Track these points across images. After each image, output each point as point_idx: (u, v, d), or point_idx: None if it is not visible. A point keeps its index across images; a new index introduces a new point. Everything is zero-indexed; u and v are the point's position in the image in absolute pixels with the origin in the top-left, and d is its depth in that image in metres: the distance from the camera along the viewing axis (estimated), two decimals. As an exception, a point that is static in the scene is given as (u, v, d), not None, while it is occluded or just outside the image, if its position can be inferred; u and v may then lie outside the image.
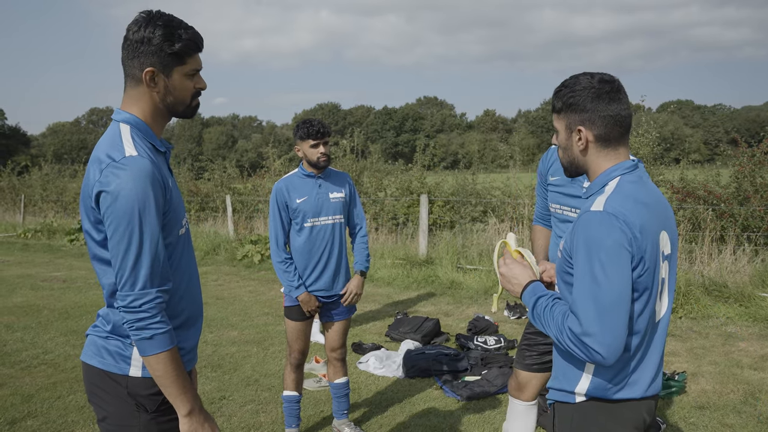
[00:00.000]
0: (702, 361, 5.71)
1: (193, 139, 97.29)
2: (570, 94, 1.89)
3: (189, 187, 15.92)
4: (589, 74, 1.91)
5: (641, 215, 1.76)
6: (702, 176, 9.76)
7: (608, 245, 1.71)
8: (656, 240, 1.80)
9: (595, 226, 1.75)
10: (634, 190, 1.82)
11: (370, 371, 5.59)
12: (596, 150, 1.89)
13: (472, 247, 10.12)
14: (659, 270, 1.83)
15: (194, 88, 2.05)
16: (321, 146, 3.86)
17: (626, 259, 1.72)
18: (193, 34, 2.00)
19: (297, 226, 3.93)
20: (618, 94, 1.87)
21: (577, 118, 1.88)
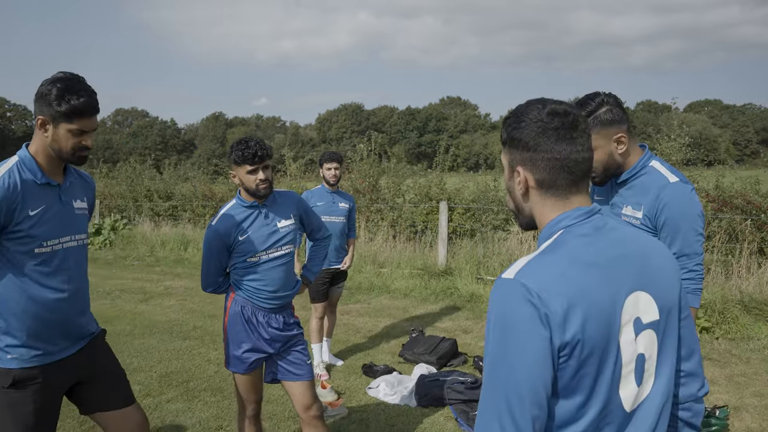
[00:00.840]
0: (744, 392, 5.20)
1: (217, 139, 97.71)
2: (514, 126, 1.51)
3: (204, 192, 15.64)
4: (542, 102, 1.49)
5: (575, 283, 1.33)
6: (739, 184, 9.19)
7: (510, 324, 1.32)
8: (611, 311, 1.35)
9: (501, 297, 1.36)
10: (577, 247, 1.40)
11: (380, 398, 5.17)
12: (539, 197, 1.51)
13: (494, 257, 9.66)
14: (618, 349, 1.36)
15: (80, 144, 2.49)
16: (260, 171, 3.27)
17: (538, 338, 1.30)
18: (83, 103, 2.42)
19: (241, 263, 3.37)
20: (571, 131, 1.46)
21: (518, 157, 1.51)
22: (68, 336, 2.65)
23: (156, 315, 8.26)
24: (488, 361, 1.35)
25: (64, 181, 2.61)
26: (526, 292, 1.31)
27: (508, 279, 1.36)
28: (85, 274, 2.76)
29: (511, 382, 1.30)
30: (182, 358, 6.36)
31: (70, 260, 2.60)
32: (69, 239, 2.59)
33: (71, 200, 2.63)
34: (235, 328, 3.36)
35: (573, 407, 1.35)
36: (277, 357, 3.44)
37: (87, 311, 2.77)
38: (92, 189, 2.87)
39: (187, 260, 12.87)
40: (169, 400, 5.20)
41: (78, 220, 2.66)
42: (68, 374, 2.67)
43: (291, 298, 3.48)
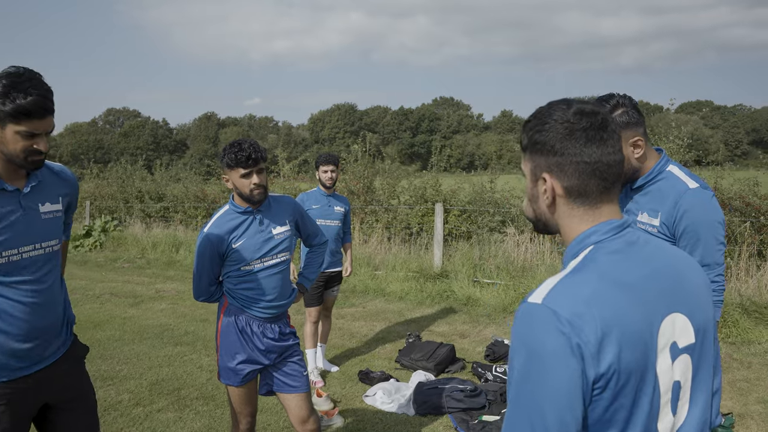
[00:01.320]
0: (748, 399, 5.10)
1: (209, 139, 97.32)
2: (537, 129, 1.36)
3: (195, 193, 15.45)
4: (566, 102, 1.36)
5: (610, 305, 1.20)
6: (738, 186, 9.10)
7: (540, 353, 1.18)
8: (648, 337, 1.22)
9: (528, 324, 1.22)
10: (609, 265, 1.27)
11: (377, 406, 5.04)
12: (567, 207, 1.36)
13: (490, 259, 9.53)
14: (655, 377, 1.23)
15: (31, 147, 2.25)
16: (254, 175, 3.12)
17: (568, 372, 1.16)
18: (31, 102, 2.17)
19: (234, 271, 3.23)
20: (601, 132, 1.32)
21: (543, 162, 1.36)
22: (33, 351, 2.41)
23: (147, 319, 8.09)
24: (513, 393, 1.22)
25: (26, 185, 2.37)
26: (555, 319, 1.18)
27: (534, 304, 1.22)
28: (57, 285, 2.52)
29: (539, 420, 1.17)
30: (173, 364, 6.21)
31: (34, 271, 2.38)
32: (32, 248, 2.37)
33: (36, 205, 2.40)
34: (228, 339, 3.22)
35: None
36: (272, 368, 3.31)
37: (58, 326, 2.53)
38: (71, 185, 2.62)
39: (178, 262, 12.69)
40: (159, 409, 5.06)
41: (45, 226, 2.42)
42: (33, 394, 2.45)
43: (287, 307, 3.35)
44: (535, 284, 8.44)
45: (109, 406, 5.08)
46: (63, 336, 2.57)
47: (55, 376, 2.51)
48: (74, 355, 2.64)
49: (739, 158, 74.56)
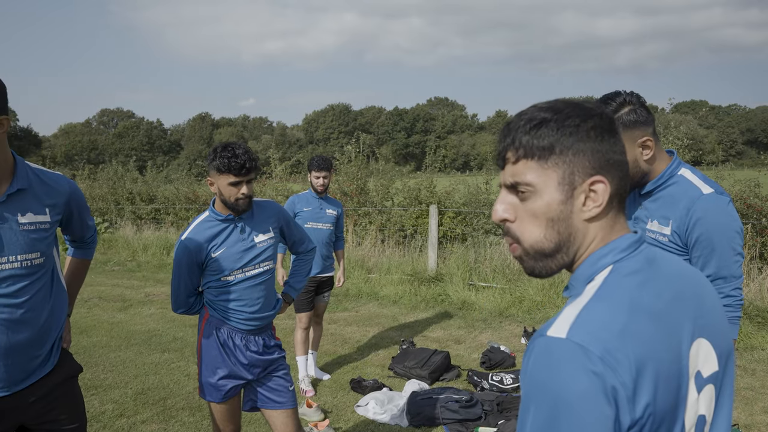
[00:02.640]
0: (754, 408, 4.94)
1: (203, 140, 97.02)
2: (565, 125, 1.12)
3: (187, 194, 15.24)
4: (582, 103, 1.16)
5: (642, 338, 1.02)
6: (739, 187, 8.94)
7: (567, 400, 0.97)
8: (677, 368, 1.05)
9: (550, 364, 1.01)
10: (633, 290, 1.08)
11: (370, 417, 4.85)
12: (611, 218, 1.15)
13: (486, 262, 9.36)
14: (683, 414, 1.06)
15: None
16: (244, 185, 2.93)
17: (600, 422, 0.96)
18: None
19: (215, 282, 3.05)
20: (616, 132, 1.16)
21: (588, 164, 1.12)
22: (8, 370, 2.26)
23: (134, 325, 7.89)
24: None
25: (3, 193, 2.21)
26: (585, 357, 0.98)
27: (558, 339, 1.01)
28: (38, 302, 2.33)
29: None
30: (160, 372, 6.02)
31: (6, 285, 2.22)
32: (4, 261, 2.21)
33: (14, 215, 2.23)
34: (209, 353, 3.04)
35: None
36: (256, 383, 3.12)
37: (42, 344, 2.36)
38: (62, 194, 2.42)
39: (169, 265, 12.45)
40: (144, 420, 4.87)
41: (24, 239, 2.25)
42: (7, 416, 2.29)
43: (271, 318, 3.17)
44: (531, 288, 8.28)
45: (91, 418, 4.88)
46: (44, 357, 2.38)
47: (35, 398, 2.34)
48: (62, 375, 2.46)
49: (734, 158, 74.66)
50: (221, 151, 2.90)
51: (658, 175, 2.30)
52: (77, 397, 2.55)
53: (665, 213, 2.28)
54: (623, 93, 2.27)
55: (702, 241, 2.20)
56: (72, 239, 2.73)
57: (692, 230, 2.21)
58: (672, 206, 2.27)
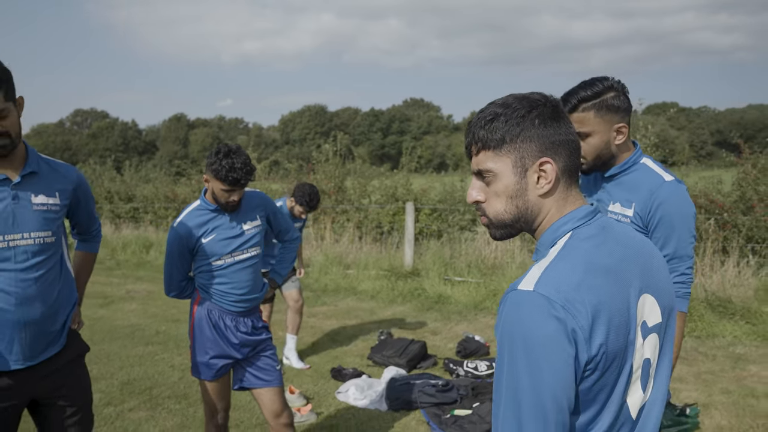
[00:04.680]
0: (713, 389, 5.23)
1: (179, 140, 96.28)
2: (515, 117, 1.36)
3: (165, 193, 15.31)
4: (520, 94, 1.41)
5: (596, 290, 1.24)
6: (702, 183, 9.30)
7: (535, 341, 1.19)
8: (627, 316, 1.27)
9: (522, 313, 1.22)
10: (589, 251, 1.30)
11: (350, 402, 5.07)
12: (563, 191, 1.37)
13: (461, 257, 9.62)
14: (632, 355, 1.30)
15: None
16: (234, 194, 3.12)
17: (563, 359, 1.18)
18: None
19: (206, 266, 3.23)
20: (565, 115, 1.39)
21: (535, 147, 1.34)
22: (21, 344, 2.43)
23: (117, 320, 8.02)
24: (506, 384, 1.23)
25: (17, 175, 2.43)
26: (549, 306, 1.19)
27: (526, 291, 1.23)
28: (50, 278, 2.53)
29: (536, 408, 1.19)
30: (145, 364, 6.17)
31: (22, 260, 2.41)
32: (19, 237, 2.41)
33: (27, 195, 2.45)
34: (201, 334, 3.23)
35: (585, 421, 1.27)
36: (245, 363, 3.32)
37: (53, 320, 2.55)
38: (71, 181, 2.66)
39: (149, 263, 12.56)
40: (131, 408, 5.03)
41: (37, 217, 2.46)
42: (20, 390, 2.47)
43: (259, 300, 3.37)
44: (505, 282, 8.54)
45: (79, 406, 5.03)
46: (56, 333, 2.56)
47: (48, 374, 2.52)
48: (72, 354, 2.65)
49: (704, 158, 75.96)
50: (223, 158, 3.03)
51: (623, 161, 2.52)
52: (85, 375, 2.74)
53: (628, 196, 2.51)
54: (611, 78, 2.45)
55: (664, 223, 2.42)
56: (78, 231, 2.94)
57: (655, 213, 2.42)
58: (635, 190, 2.48)
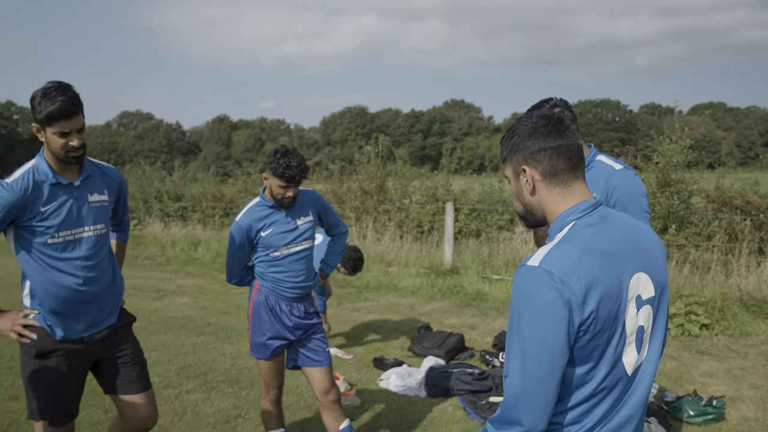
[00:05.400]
0: (742, 384, 5.41)
1: (222, 142, 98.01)
2: (510, 138, 1.76)
3: (213, 193, 15.87)
4: (528, 113, 1.78)
5: (590, 268, 1.55)
6: (739, 185, 9.39)
7: (538, 307, 1.53)
8: (618, 290, 1.58)
9: (529, 283, 1.56)
10: (589, 236, 1.61)
11: (391, 389, 5.39)
12: (546, 189, 1.71)
13: (499, 256, 9.87)
14: (623, 322, 1.60)
15: (67, 145, 2.75)
16: (290, 190, 3.46)
17: (559, 320, 1.51)
18: (58, 107, 2.66)
19: (264, 257, 3.58)
20: (558, 126, 1.71)
21: (520, 158, 1.73)
22: (87, 317, 2.95)
23: (170, 312, 8.49)
24: (514, 338, 1.57)
25: (77, 179, 2.91)
26: (550, 278, 1.52)
27: (533, 267, 1.56)
28: (105, 262, 3.04)
29: (537, 355, 1.52)
30: (198, 352, 6.59)
31: (85, 249, 2.92)
32: (83, 230, 2.91)
33: (86, 195, 2.95)
34: (259, 317, 3.58)
35: (583, 372, 1.58)
36: (298, 344, 3.66)
37: (109, 297, 3.06)
38: (116, 180, 3.16)
39: (197, 260, 13.10)
40: (188, 390, 5.43)
41: (94, 213, 2.97)
42: (87, 352, 2.99)
43: (311, 288, 3.71)
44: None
45: (141, 388, 5.45)
46: (112, 306, 3.08)
47: (107, 339, 3.05)
48: (123, 322, 3.17)
49: (752, 160, 74.20)
50: (281, 158, 3.38)
51: None
52: (134, 339, 3.25)
53: (591, 190, 2.91)
54: (554, 98, 3.02)
55: (619, 206, 2.87)
56: (115, 222, 3.41)
57: (611, 198, 2.90)
58: (594, 183, 2.90)
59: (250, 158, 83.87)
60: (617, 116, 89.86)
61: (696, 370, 5.79)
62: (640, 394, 1.69)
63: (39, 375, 2.89)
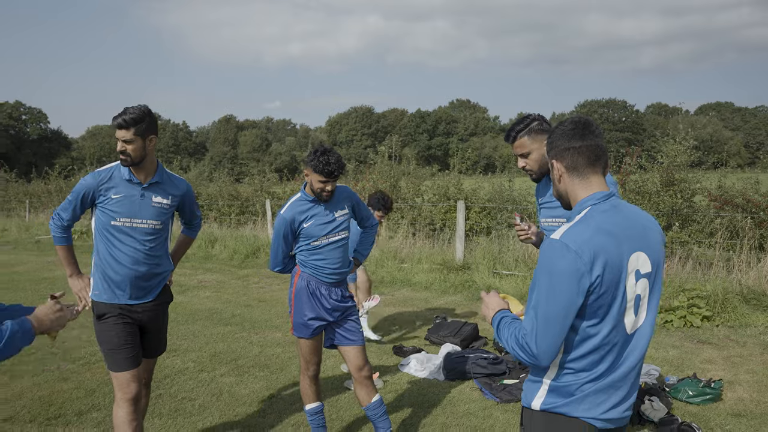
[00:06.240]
0: (739, 370, 5.78)
1: (228, 141, 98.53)
2: (549, 140, 2.21)
3: (230, 192, 16.28)
4: (565, 121, 2.19)
5: (598, 243, 1.96)
6: (740, 184, 9.75)
7: (557, 269, 1.95)
8: (620, 263, 1.98)
9: (552, 252, 1.98)
10: (601, 219, 2.02)
11: (412, 373, 5.78)
12: (569, 179, 2.14)
13: (509, 252, 10.25)
14: (624, 289, 2.00)
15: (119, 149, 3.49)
16: (329, 185, 3.87)
17: (572, 283, 1.92)
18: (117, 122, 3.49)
19: (306, 246, 3.98)
20: (584, 131, 2.12)
21: (552, 155, 2.18)
22: (133, 289, 3.60)
23: (195, 305, 8.91)
24: (536, 295, 2.00)
25: (147, 181, 3.61)
26: (566, 249, 1.95)
27: (555, 239, 1.99)
28: (156, 250, 3.66)
29: (551, 311, 1.96)
30: (227, 340, 6.99)
31: (140, 236, 3.58)
32: (140, 221, 3.58)
33: (151, 195, 3.62)
34: (301, 300, 3.98)
35: (590, 326, 2.00)
36: (335, 325, 4.06)
37: (153, 278, 3.68)
38: (180, 189, 3.82)
39: (215, 257, 13.52)
40: (222, 374, 5.83)
41: (153, 210, 3.63)
42: (134, 317, 3.63)
43: (347, 274, 4.11)
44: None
45: (178, 372, 5.87)
46: (155, 285, 3.73)
47: (147, 311, 3.69)
48: (164, 298, 3.84)
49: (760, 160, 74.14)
50: (320, 155, 3.79)
51: None
52: (167, 315, 3.93)
53: None
54: (534, 114, 3.39)
55: None
56: (184, 221, 4.11)
57: None
58: None
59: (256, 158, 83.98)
60: (624, 116, 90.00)
61: (697, 358, 6.17)
62: (639, 352, 2.09)
63: (101, 332, 3.59)
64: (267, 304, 8.92)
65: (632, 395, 2.13)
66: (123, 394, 3.52)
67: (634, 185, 9.95)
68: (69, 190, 23.83)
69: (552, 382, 2.08)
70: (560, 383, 2.07)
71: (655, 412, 4.56)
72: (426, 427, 4.63)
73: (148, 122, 3.52)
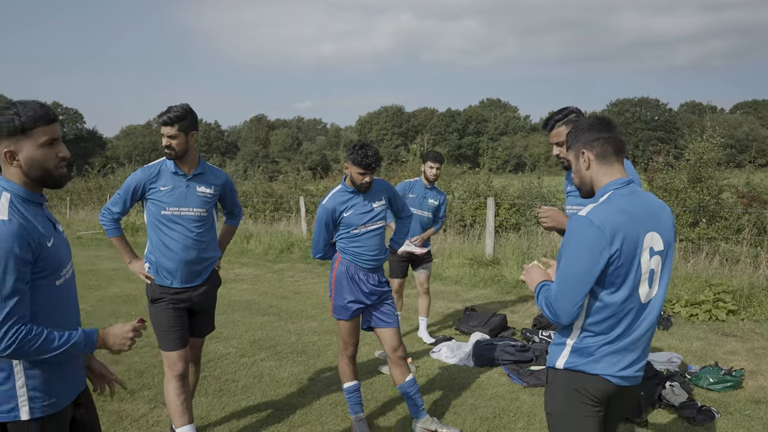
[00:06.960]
0: (762, 361, 5.94)
1: (259, 141, 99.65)
2: (574, 132, 2.49)
3: (264, 189, 16.70)
4: (585, 119, 2.50)
5: (618, 221, 2.24)
6: (768, 182, 9.84)
7: (582, 240, 2.25)
8: (636, 240, 2.27)
9: (578, 225, 2.28)
10: (621, 202, 2.31)
11: (442, 360, 6.05)
12: (597, 167, 2.42)
13: (537, 248, 10.46)
14: (639, 263, 2.28)
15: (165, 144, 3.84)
16: (368, 176, 4.17)
17: (593, 253, 2.22)
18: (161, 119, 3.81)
19: (345, 234, 4.28)
20: (608, 125, 2.43)
21: (581, 144, 2.46)
22: (184, 274, 3.90)
23: (233, 296, 9.28)
24: (564, 262, 2.30)
25: (191, 173, 3.94)
26: (590, 224, 2.25)
27: (582, 216, 2.30)
28: (203, 236, 3.95)
29: (575, 276, 2.26)
30: (265, 329, 7.34)
31: (187, 224, 3.90)
32: (187, 210, 3.91)
33: (195, 185, 3.94)
34: (341, 284, 4.29)
35: (609, 293, 2.30)
36: (372, 308, 4.36)
37: (201, 263, 3.98)
38: (221, 179, 4.12)
39: (250, 251, 13.93)
40: (262, 359, 6.16)
41: (198, 200, 3.94)
42: (184, 301, 3.96)
43: (384, 261, 4.40)
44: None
45: (220, 356, 6.22)
46: (202, 270, 4.02)
47: (197, 294, 4.01)
48: (212, 282, 4.14)
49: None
50: (359, 150, 4.13)
51: None
52: (215, 298, 4.23)
53: None
54: (571, 107, 3.64)
55: None
56: (226, 211, 4.43)
57: None
58: None
59: (287, 157, 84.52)
60: (656, 115, 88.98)
61: (720, 349, 6.34)
62: (651, 319, 2.38)
63: (155, 314, 3.94)
64: (302, 296, 9.25)
65: (644, 358, 2.43)
66: (172, 371, 3.94)
67: (661, 182, 10.09)
68: (108, 188, 24.83)
69: (574, 344, 2.39)
70: (581, 345, 2.37)
71: (676, 397, 4.77)
72: (456, 407, 4.90)
73: (189, 119, 3.84)
